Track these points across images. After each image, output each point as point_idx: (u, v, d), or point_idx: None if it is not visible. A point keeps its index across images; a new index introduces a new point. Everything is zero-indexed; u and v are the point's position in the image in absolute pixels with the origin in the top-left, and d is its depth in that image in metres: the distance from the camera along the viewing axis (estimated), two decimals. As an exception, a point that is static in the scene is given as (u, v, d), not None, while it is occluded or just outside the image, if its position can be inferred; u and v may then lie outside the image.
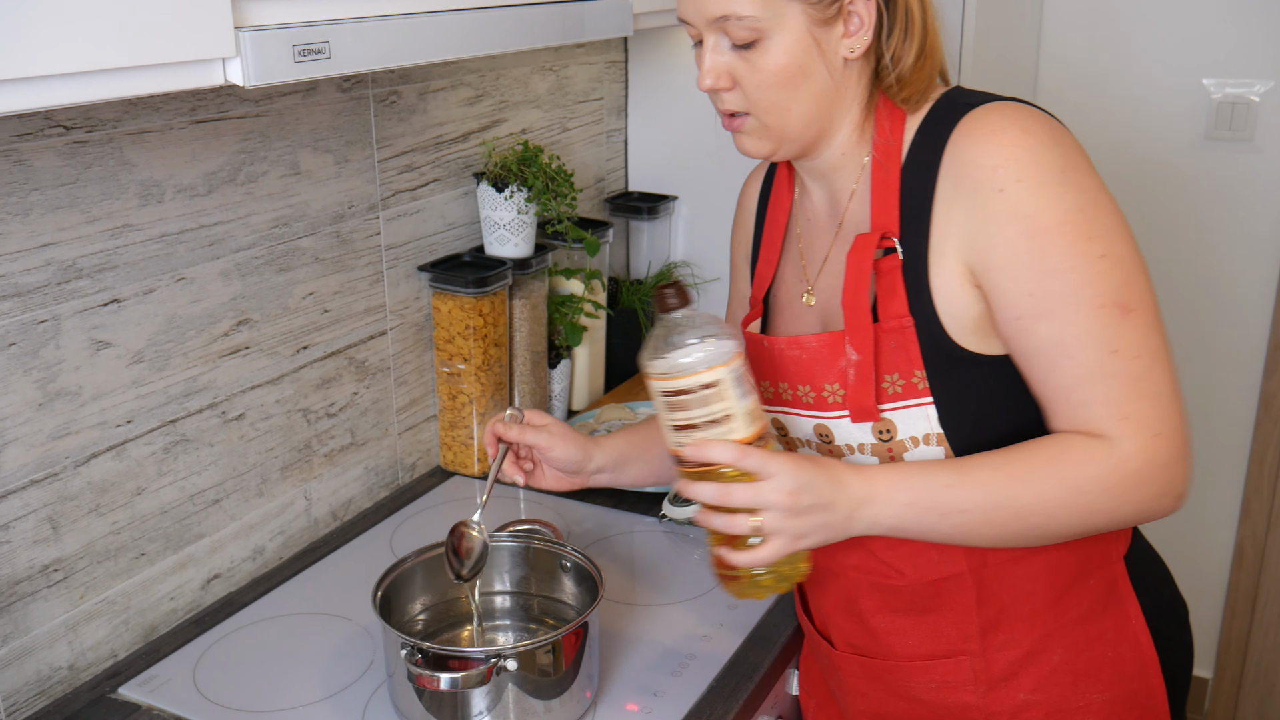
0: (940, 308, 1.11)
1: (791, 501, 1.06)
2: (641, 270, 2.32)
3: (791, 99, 1.13)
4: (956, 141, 1.10)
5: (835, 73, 1.13)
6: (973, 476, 1.09)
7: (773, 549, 1.08)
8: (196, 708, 1.30)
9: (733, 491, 1.07)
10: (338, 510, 1.72)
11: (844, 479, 1.09)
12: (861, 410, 1.14)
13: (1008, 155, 1.06)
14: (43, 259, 1.25)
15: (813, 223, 1.26)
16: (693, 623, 1.45)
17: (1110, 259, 1.06)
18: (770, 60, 1.11)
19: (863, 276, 1.12)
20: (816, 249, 1.25)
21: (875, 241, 1.13)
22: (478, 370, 1.80)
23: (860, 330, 1.12)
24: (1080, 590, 1.19)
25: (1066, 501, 1.08)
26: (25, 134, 1.21)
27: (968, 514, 1.09)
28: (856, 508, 1.09)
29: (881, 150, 1.16)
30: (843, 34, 1.12)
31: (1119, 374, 1.06)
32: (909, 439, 1.14)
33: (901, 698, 1.26)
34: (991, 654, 1.20)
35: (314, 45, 1.03)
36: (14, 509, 1.27)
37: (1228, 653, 2.62)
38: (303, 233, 1.57)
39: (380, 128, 1.68)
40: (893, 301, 1.12)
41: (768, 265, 1.30)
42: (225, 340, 1.48)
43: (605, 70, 2.25)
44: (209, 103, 1.41)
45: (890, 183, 1.14)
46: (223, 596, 1.54)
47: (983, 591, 1.19)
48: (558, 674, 1.23)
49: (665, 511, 1.70)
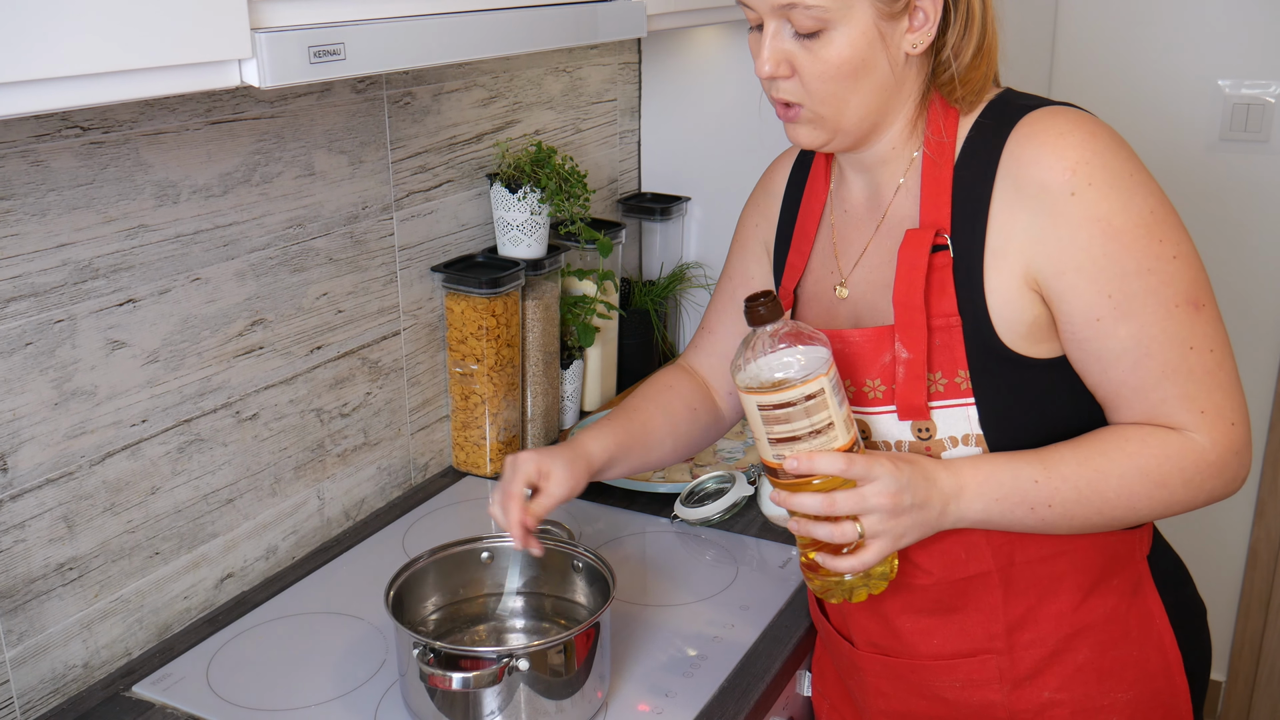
0: (993, 309, 1.10)
1: (894, 503, 1.07)
2: (654, 271, 2.32)
3: (850, 91, 1.12)
4: (1019, 143, 1.09)
5: (896, 67, 1.12)
6: (1058, 470, 1.09)
7: (875, 551, 1.08)
8: (210, 706, 1.30)
9: (838, 500, 1.07)
10: (350, 510, 1.73)
11: (935, 475, 1.10)
12: (911, 409, 1.13)
13: (1078, 158, 1.06)
14: (59, 259, 1.26)
15: (850, 214, 1.25)
16: (704, 623, 1.45)
17: (1181, 258, 1.07)
18: (833, 51, 1.10)
19: (917, 273, 1.11)
20: (853, 241, 1.24)
21: (930, 238, 1.12)
22: (490, 371, 1.80)
23: (913, 328, 1.12)
24: (1105, 589, 1.20)
25: (1148, 493, 1.10)
26: (42, 135, 1.22)
27: (1053, 508, 1.10)
28: (947, 503, 1.10)
29: (934, 147, 1.15)
30: (907, 29, 1.11)
31: (1195, 369, 1.08)
32: (948, 438, 1.14)
33: (924, 697, 1.26)
34: (1018, 652, 1.20)
35: (329, 46, 1.03)
36: (30, 508, 1.27)
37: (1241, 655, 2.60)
38: (317, 233, 1.58)
39: (394, 129, 1.69)
40: (942, 300, 1.12)
41: (799, 255, 1.29)
42: (240, 340, 1.49)
43: (618, 71, 2.25)
44: (224, 104, 1.41)
45: (942, 180, 1.13)
46: (236, 595, 1.54)
47: (1010, 590, 1.18)
48: (569, 674, 1.23)
49: (677, 512, 1.70)
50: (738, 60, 2.22)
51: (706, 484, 1.73)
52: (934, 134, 1.15)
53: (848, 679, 1.36)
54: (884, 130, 1.17)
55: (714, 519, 1.69)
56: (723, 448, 1.90)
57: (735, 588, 1.54)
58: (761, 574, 1.57)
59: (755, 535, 1.68)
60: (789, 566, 1.59)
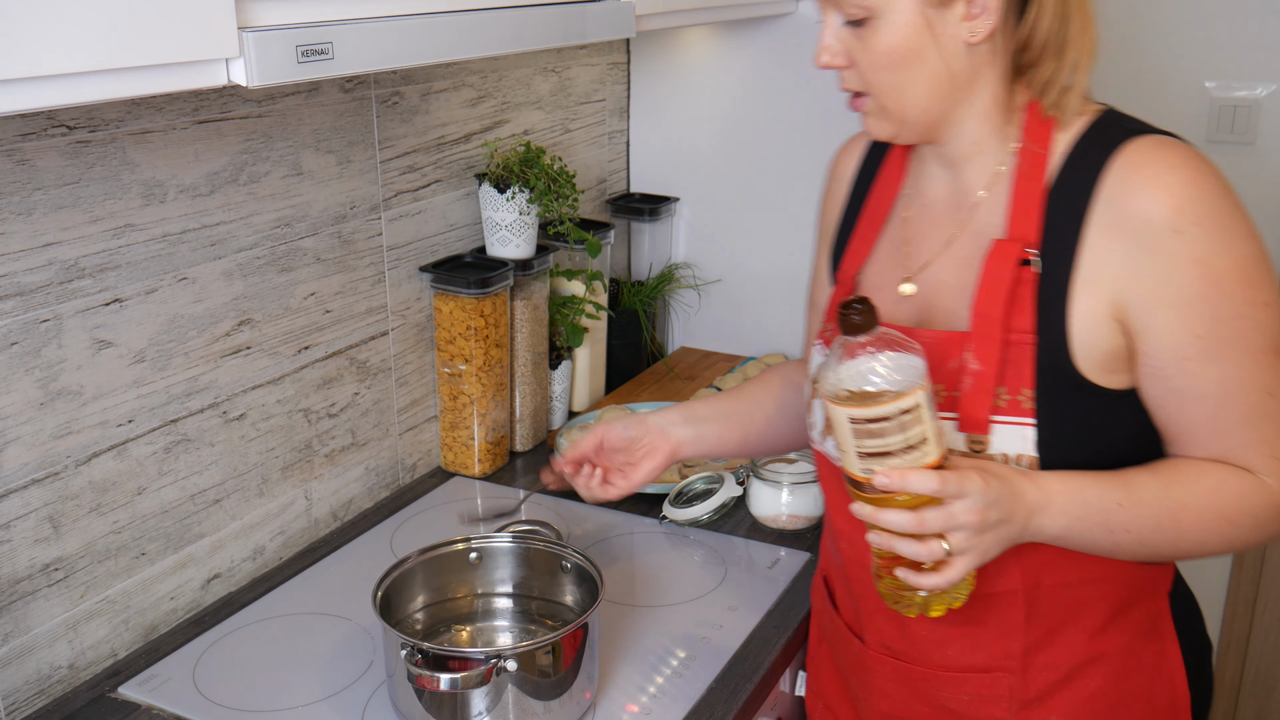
0: (1074, 333, 1.08)
1: (981, 520, 1.04)
2: (643, 272, 2.32)
3: (905, 81, 1.10)
4: (1124, 171, 1.07)
5: (953, 57, 1.09)
6: (1140, 497, 1.08)
7: (960, 568, 1.05)
8: (196, 707, 1.30)
9: (926, 518, 1.03)
10: (338, 510, 1.72)
11: (1020, 488, 1.07)
12: (972, 422, 1.11)
13: (1186, 196, 1.04)
14: (45, 258, 1.25)
15: (928, 210, 1.22)
16: (693, 624, 1.45)
17: (1271, 305, 1.07)
18: (881, 40, 1.08)
19: (1001, 286, 1.10)
20: (928, 238, 1.21)
21: (1018, 252, 1.10)
22: (479, 371, 1.80)
23: (988, 341, 1.10)
24: (1125, 621, 1.18)
25: (1219, 530, 1.09)
26: (29, 133, 1.21)
27: (1130, 533, 1.09)
28: (1030, 516, 1.08)
29: (1027, 157, 1.12)
30: (963, 15, 1.08)
31: (1274, 415, 1.08)
32: (1000, 455, 1.12)
33: (929, 705, 1.24)
34: (1031, 674, 1.19)
35: (317, 46, 1.03)
36: (15, 508, 1.27)
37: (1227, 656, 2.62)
38: (305, 233, 1.58)
39: (382, 128, 1.68)
40: (1019, 316, 1.10)
41: (864, 242, 1.27)
42: (227, 340, 1.48)
43: (607, 71, 2.25)
44: (212, 103, 1.41)
45: (1034, 194, 1.11)
46: (223, 596, 1.54)
47: (1033, 611, 1.17)
48: (557, 675, 1.23)
49: (665, 513, 1.70)
50: (726, 60, 2.22)
51: (695, 484, 1.73)
52: (1028, 142, 1.12)
53: (851, 676, 1.34)
54: (956, 123, 1.14)
55: (702, 519, 1.69)
56: (711, 448, 1.90)
57: (724, 588, 1.54)
58: (750, 574, 1.58)
59: (744, 536, 1.68)
60: (777, 567, 1.59)
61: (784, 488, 1.66)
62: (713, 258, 2.35)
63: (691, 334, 2.42)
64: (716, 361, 2.33)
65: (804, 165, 2.21)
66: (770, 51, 2.17)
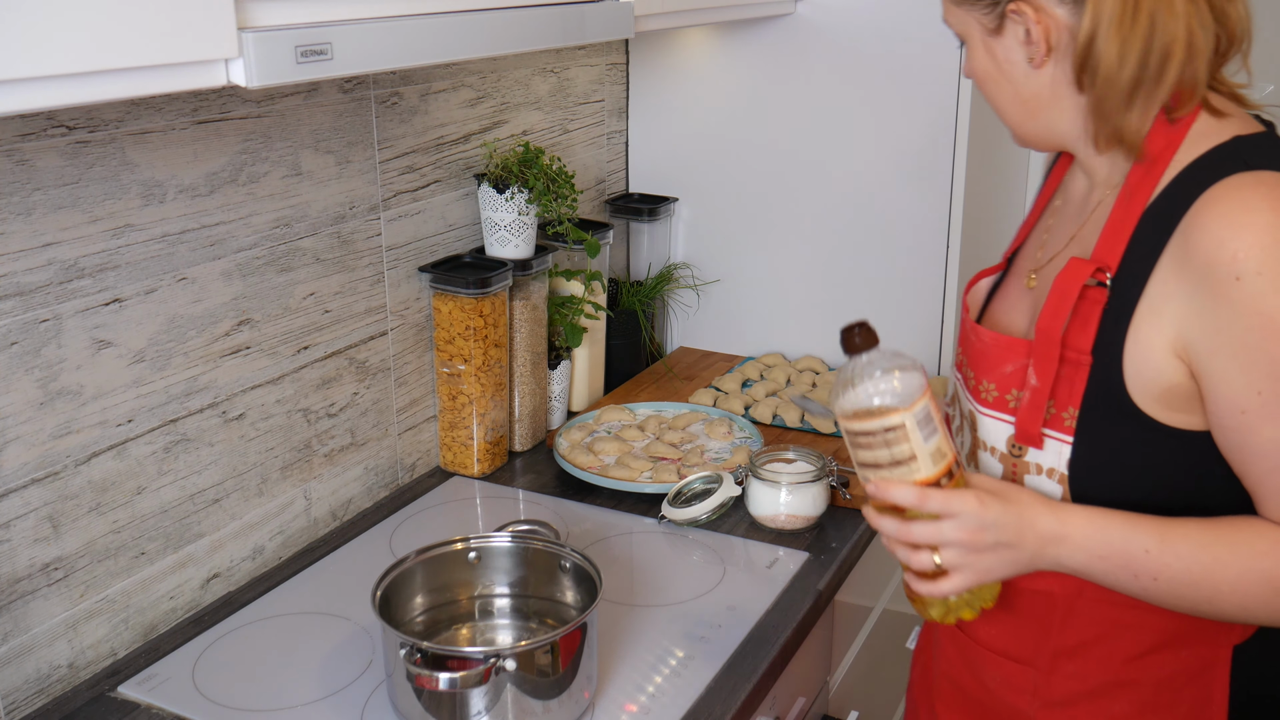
0: (1130, 361, 1.07)
1: (973, 540, 1.06)
2: (642, 272, 2.32)
3: (993, 100, 1.17)
4: (1204, 206, 1.02)
5: (1022, 81, 1.12)
6: (1174, 548, 1.06)
7: (954, 583, 1.09)
8: (196, 707, 1.30)
9: (913, 530, 1.08)
10: (337, 510, 1.72)
11: (1033, 517, 1.08)
12: (1026, 435, 1.13)
13: (1253, 242, 0.98)
14: (45, 258, 1.25)
15: (1066, 208, 1.24)
16: (691, 624, 1.46)
17: None
18: (969, 63, 1.18)
19: (1064, 304, 1.09)
20: (1056, 237, 1.22)
21: (1088, 273, 1.09)
22: (478, 371, 1.80)
23: (1046, 359, 1.10)
24: (1167, 656, 1.16)
25: (1265, 598, 1.05)
26: (28, 134, 1.21)
27: (1158, 582, 1.06)
28: (1044, 546, 1.08)
29: (1137, 178, 1.10)
30: (1022, 41, 1.10)
31: None
32: (1034, 465, 1.14)
33: (974, 677, 1.27)
34: (1057, 677, 1.19)
35: (316, 46, 1.03)
36: (15, 507, 1.27)
37: None
38: (304, 233, 1.58)
39: (381, 129, 1.69)
40: (1081, 334, 1.09)
41: (1025, 229, 1.30)
42: (226, 340, 1.49)
43: (606, 72, 2.25)
44: (211, 103, 1.41)
45: (1128, 219, 1.09)
46: (222, 596, 1.54)
47: (1069, 617, 1.17)
48: (556, 674, 1.23)
49: (664, 513, 1.70)
50: (725, 61, 2.22)
51: (694, 484, 1.74)
52: (1144, 161, 1.10)
53: (933, 635, 1.38)
54: (1064, 139, 1.16)
55: (701, 519, 1.69)
56: (710, 448, 1.90)
57: (722, 588, 1.54)
58: (749, 574, 1.58)
59: (742, 535, 1.68)
60: (775, 566, 1.59)
61: (782, 487, 1.67)
62: (711, 258, 2.35)
63: (690, 334, 2.42)
64: (715, 361, 2.33)
65: (803, 165, 2.21)
66: (769, 52, 2.17)
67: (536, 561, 1.40)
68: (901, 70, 2.06)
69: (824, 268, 2.24)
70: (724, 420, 1.99)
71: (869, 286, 2.20)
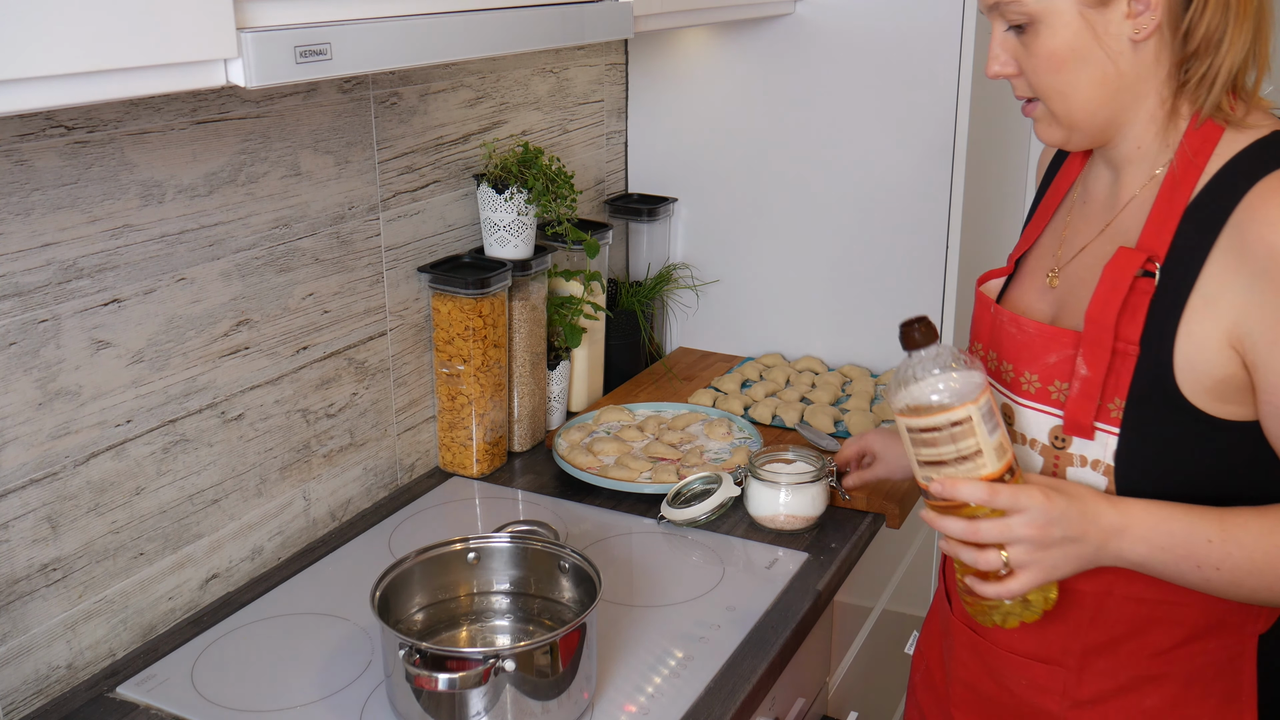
0: (1181, 352, 1.07)
1: (1041, 535, 1.05)
2: (641, 272, 2.32)
3: (1069, 85, 1.10)
4: (1260, 197, 1.03)
5: (1119, 56, 1.08)
6: (1236, 536, 1.06)
7: (1022, 582, 1.07)
8: (194, 707, 1.30)
9: (981, 528, 1.07)
10: (336, 511, 1.72)
11: (1096, 510, 1.07)
12: (1077, 426, 1.12)
13: None
14: (44, 259, 1.25)
15: (1087, 206, 1.22)
16: (690, 624, 1.46)
17: None
18: (1042, 44, 1.08)
19: (1116, 294, 1.08)
20: (1080, 233, 1.21)
21: (1139, 262, 1.08)
22: (477, 371, 1.80)
23: (1098, 347, 1.09)
24: (1197, 648, 1.16)
25: None
26: (27, 134, 1.21)
27: (1221, 571, 1.06)
28: (1107, 539, 1.07)
29: (1182, 166, 1.10)
30: (1126, 14, 1.06)
31: None
32: (1079, 457, 1.13)
33: (995, 681, 1.26)
34: (1087, 675, 1.19)
35: (315, 46, 1.03)
36: (13, 508, 1.27)
37: None
38: (303, 233, 1.58)
39: (381, 129, 1.69)
40: (1129, 325, 1.09)
41: (1034, 230, 1.28)
42: (225, 340, 1.49)
43: (605, 72, 2.25)
44: (210, 103, 1.41)
45: (1174, 207, 1.09)
46: (221, 596, 1.54)
47: (1098, 615, 1.17)
48: (555, 675, 1.23)
49: (664, 513, 1.70)
50: (724, 61, 2.22)
51: (693, 485, 1.74)
52: (1185, 152, 1.10)
53: (944, 639, 1.37)
54: (1125, 126, 1.13)
55: (700, 520, 1.69)
56: (710, 449, 1.90)
57: (721, 589, 1.54)
58: (748, 575, 1.58)
59: (741, 536, 1.68)
60: (775, 567, 1.59)
61: (781, 488, 1.66)
62: (711, 258, 2.35)
63: (689, 334, 2.42)
64: (715, 362, 2.33)
65: (802, 165, 2.21)
66: (768, 52, 2.17)
67: (536, 562, 1.40)
68: (901, 70, 2.06)
69: (823, 268, 2.24)
70: (723, 420, 1.99)
71: (868, 286, 2.20)
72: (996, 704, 1.27)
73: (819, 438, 1.94)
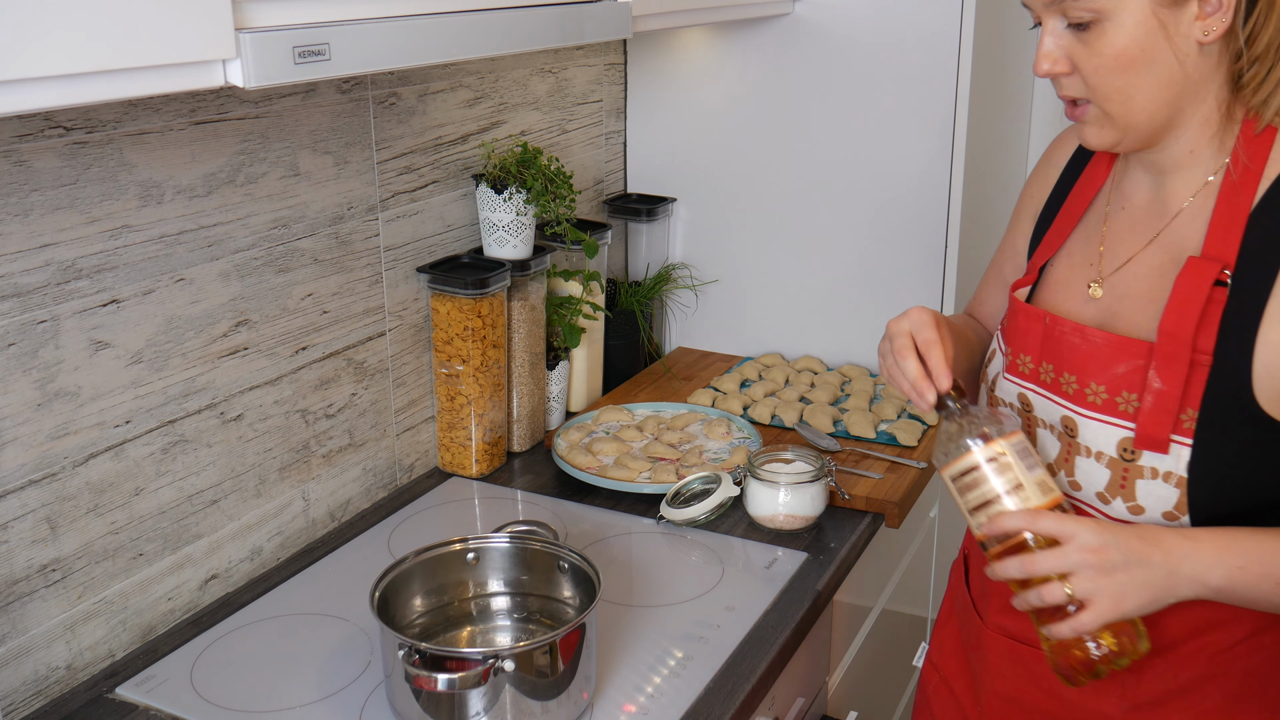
0: (1260, 362, 1.05)
1: (1098, 559, 1.04)
2: (640, 272, 2.32)
3: (1133, 85, 1.06)
4: None
5: (1186, 58, 1.05)
6: None
7: (1094, 614, 1.05)
8: (194, 708, 1.30)
9: (1037, 559, 1.06)
10: (335, 511, 1.72)
11: (1155, 534, 1.06)
12: (1151, 440, 1.09)
13: None
14: (42, 259, 1.25)
15: (1127, 213, 1.19)
16: (690, 624, 1.46)
17: None
18: (1109, 43, 1.05)
19: (1192, 306, 1.06)
20: (1123, 242, 1.19)
21: (1215, 272, 1.06)
22: (476, 371, 1.80)
23: (1174, 361, 1.07)
24: (1254, 644, 1.15)
25: None
26: (25, 135, 1.21)
27: None
28: (1179, 563, 1.05)
29: (1239, 171, 1.07)
30: (1196, 15, 1.04)
31: None
32: (1149, 469, 1.10)
33: (1042, 690, 1.24)
34: (1146, 676, 1.17)
35: (314, 47, 1.03)
36: (12, 509, 1.27)
37: None
38: (302, 234, 1.58)
39: (379, 129, 1.69)
40: (1202, 335, 1.07)
41: (1058, 236, 1.25)
42: (224, 341, 1.49)
43: (604, 72, 2.25)
44: (208, 104, 1.41)
45: (1238, 211, 1.07)
46: (220, 597, 1.54)
47: (1160, 617, 1.13)
48: (555, 675, 1.23)
49: (663, 513, 1.70)
50: (723, 61, 2.22)
51: (692, 484, 1.74)
52: (1240, 155, 1.08)
53: (972, 653, 1.34)
54: (1178, 130, 1.11)
55: (700, 520, 1.69)
56: (709, 448, 1.90)
57: (721, 588, 1.54)
58: (747, 574, 1.58)
59: (741, 536, 1.68)
60: (774, 567, 1.59)
61: (781, 488, 1.66)
62: (710, 258, 2.35)
63: (689, 334, 2.42)
64: (714, 362, 2.33)
65: (801, 165, 2.21)
66: (767, 52, 2.17)
67: (535, 562, 1.40)
68: (900, 70, 2.06)
69: (822, 267, 2.24)
70: (722, 420, 1.99)
71: (867, 286, 2.20)
72: (1042, 713, 1.25)
73: (818, 437, 1.94)
